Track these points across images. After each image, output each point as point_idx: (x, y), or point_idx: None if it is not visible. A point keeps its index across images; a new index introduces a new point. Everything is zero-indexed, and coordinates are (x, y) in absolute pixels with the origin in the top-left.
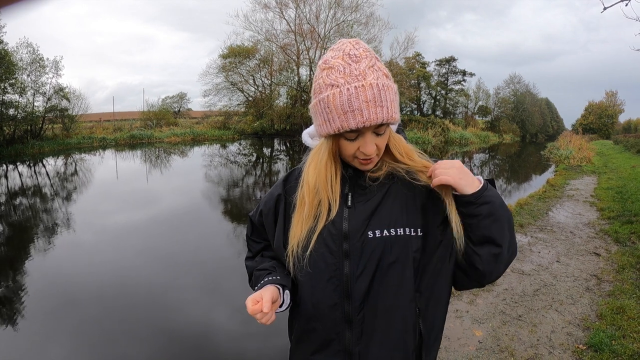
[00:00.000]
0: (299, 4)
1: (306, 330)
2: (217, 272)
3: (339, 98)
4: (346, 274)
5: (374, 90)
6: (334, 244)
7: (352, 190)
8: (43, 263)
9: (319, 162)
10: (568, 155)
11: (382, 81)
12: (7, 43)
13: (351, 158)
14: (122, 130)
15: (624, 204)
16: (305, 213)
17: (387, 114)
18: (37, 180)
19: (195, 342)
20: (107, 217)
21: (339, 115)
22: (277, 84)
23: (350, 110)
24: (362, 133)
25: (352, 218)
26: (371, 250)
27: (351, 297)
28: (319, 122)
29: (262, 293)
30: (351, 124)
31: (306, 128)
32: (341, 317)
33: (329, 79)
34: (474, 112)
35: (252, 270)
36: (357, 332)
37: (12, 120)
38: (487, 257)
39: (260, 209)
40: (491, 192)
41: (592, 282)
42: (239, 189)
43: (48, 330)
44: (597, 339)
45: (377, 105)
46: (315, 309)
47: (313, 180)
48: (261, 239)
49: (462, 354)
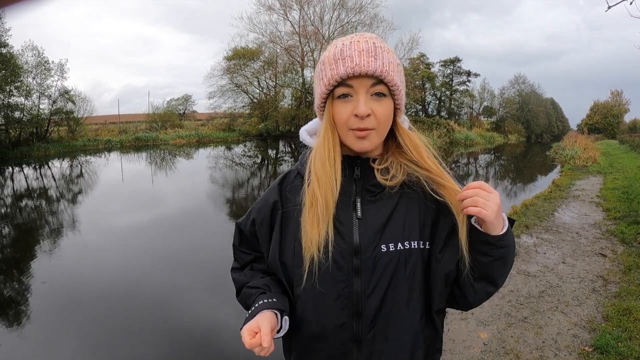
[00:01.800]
0: (303, 5)
1: (309, 351)
2: (222, 273)
3: (333, 51)
4: (356, 292)
5: (369, 44)
6: (343, 259)
7: (361, 195)
8: (49, 263)
9: (324, 147)
10: (573, 155)
11: (381, 44)
12: (13, 46)
13: (346, 130)
14: (127, 133)
15: (630, 204)
16: (321, 209)
17: (381, 66)
18: (43, 182)
19: (201, 343)
20: (112, 219)
21: (330, 65)
22: (282, 86)
23: (341, 58)
24: (356, 91)
25: (363, 230)
26: (384, 265)
27: (362, 316)
28: (315, 90)
29: (259, 323)
30: (340, 70)
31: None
32: (349, 337)
33: (329, 47)
34: (479, 113)
35: (242, 286)
36: (367, 353)
37: (17, 122)
38: (482, 293)
39: (252, 217)
40: (510, 236)
41: (598, 283)
42: (244, 190)
43: (54, 330)
44: (603, 341)
45: (370, 55)
46: (320, 328)
47: (322, 169)
48: (250, 249)
49: (467, 356)
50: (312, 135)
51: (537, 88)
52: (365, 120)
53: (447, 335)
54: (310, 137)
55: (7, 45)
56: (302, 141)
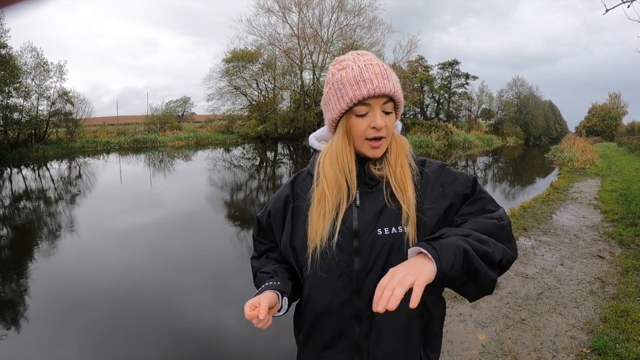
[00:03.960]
0: (302, 8)
1: (315, 327)
2: (223, 274)
3: (351, 72)
4: (356, 270)
5: (380, 68)
6: (345, 241)
7: (360, 188)
8: (50, 265)
9: (333, 153)
10: (572, 157)
11: (386, 66)
12: (12, 47)
13: (361, 140)
14: (125, 134)
15: (628, 207)
16: (328, 206)
17: (392, 87)
18: (42, 184)
19: (203, 343)
20: (112, 220)
21: (351, 86)
22: (281, 88)
23: (362, 80)
24: (372, 108)
25: (361, 216)
26: (380, 246)
27: (361, 293)
28: (331, 104)
29: (260, 299)
30: (363, 91)
31: (309, 132)
32: (351, 313)
33: (340, 66)
34: (477, 115)
35: (256, 271)
36: (366, 328)
37: (16, 124)
38: (475, 293)
39: (268, 209)
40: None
41: (596, 285)
42: (243, 192)
43: (56, 332)
44: (601, 343)
45: (384, 78)
46: (325, 305)
47: (331, 171)
48: (267, 240)
49: (465, 358)
50: (320, 140)
51: (536, 90)
52: (380, 131)
53: (445, 336)
54: (319, 142)
55: (6, 46)
56: (311, 146)
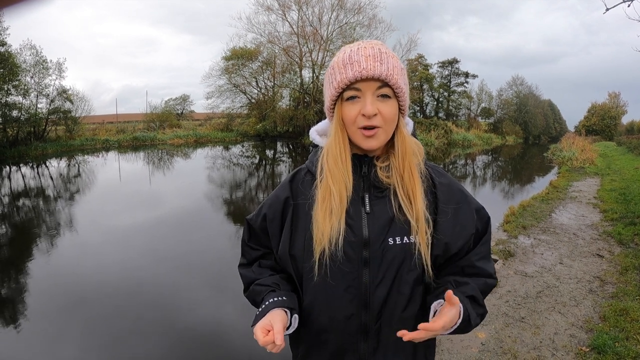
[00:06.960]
0: (302, 6)
1: (317, 342)
2: (223, 272)
3: (342, 56)
4: (365, 282)
5: (375, 50)
6: (353, 251)
7: (369, 191)
8: (51, 263)
9: (335, 147)
10: (571, 156)
11: (386, 50)
12: (11, 45)
13: (354, 128)
14: (125, 132)
15: (627, 206)
16: (335, 202)
17: (386, 70)
18: (41, 182)
19: (205, 341)
20: (112, 218)
21: (339, 69)
22: (280, 86)
23: (350, 62)
24: (363, 93)
25: (372, 224)
26: (391, 257)
27: (369, 306)
28: (325, 93)
29: (271, 321)
30: (349, 74)
31: (309, 130)
32: (357, 328)
33: (338, 53)
34: (476, 114)
35: (250, 282)
36: (373, 343)
37: (15, 121)
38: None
39: (263, 212)
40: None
41: (595, 284)
42: (242, 190)
43: (57, 330)
44: (600, 341)
45: (375, 60)
46: (329, 320)
47: (335, 166)
48: (259, 245)
49: (464, 356)
50: (321, 135)
51: (535, 90)
52: (372, 119)
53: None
54: (320, 137)
55: (5, 44)
56: (312, 140)
